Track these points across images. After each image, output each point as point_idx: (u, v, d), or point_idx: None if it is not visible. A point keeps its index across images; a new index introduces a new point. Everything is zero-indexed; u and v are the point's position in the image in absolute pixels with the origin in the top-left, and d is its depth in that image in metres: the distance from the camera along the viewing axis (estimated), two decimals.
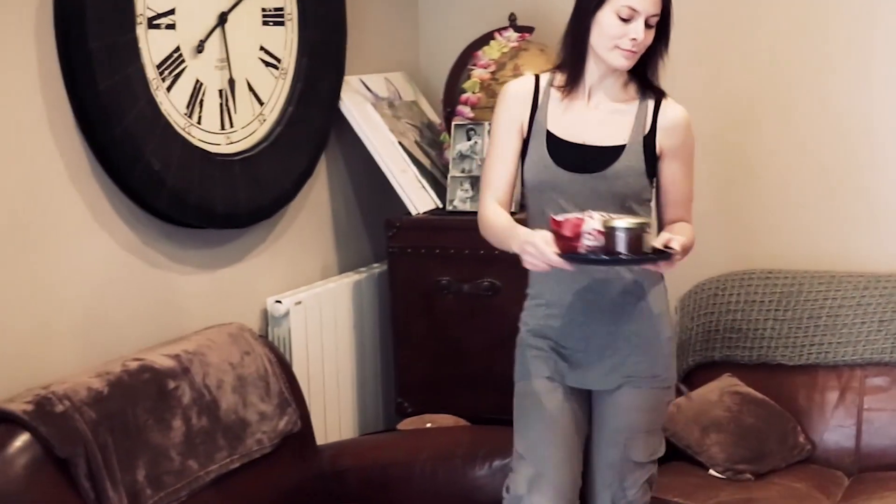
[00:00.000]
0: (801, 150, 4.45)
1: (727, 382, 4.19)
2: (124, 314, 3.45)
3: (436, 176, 4.43)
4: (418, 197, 4.29)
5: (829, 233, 4.43)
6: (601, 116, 3.15)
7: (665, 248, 2.91)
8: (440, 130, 4.54)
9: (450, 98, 4.46)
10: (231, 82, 3.75)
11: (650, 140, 3.13)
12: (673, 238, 2.94)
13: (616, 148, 3.12)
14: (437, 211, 4.32)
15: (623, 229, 2.85)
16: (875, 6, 4.30)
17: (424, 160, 4.44)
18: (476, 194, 4.21)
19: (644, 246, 2.88)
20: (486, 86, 4.31)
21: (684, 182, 3.18)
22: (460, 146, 4.27)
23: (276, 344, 3.89)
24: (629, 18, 3.01)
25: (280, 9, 3.96)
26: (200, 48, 3.61)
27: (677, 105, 3.17)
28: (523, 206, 3.46)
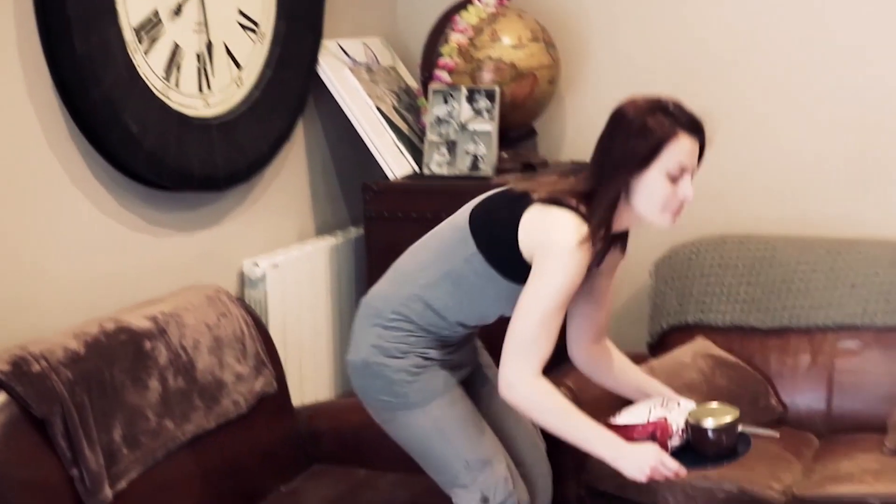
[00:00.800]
0: (775, 116, 4.47)
1: (700, 345, 4.23)
2: (102, 276, 3.47)
3: (413, 141, 4.45)
4: (395, 161, 4.31)
5: (803, 198, 4.46)
6: None
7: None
8: (417, 95, 4.56)
9: (427, 63, 4.47)
10: (209, 46, 3.76)
11: None
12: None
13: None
14: (414, 175, 4.34)
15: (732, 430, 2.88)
16: None
17: (402, 125, 4.46)
18: (453, 159, 4.23)
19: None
20: (464, 51, 4.33)
21: None
22: (437, 111, 4.29)
23: (253, 306, 3.91)
24: (679, 177, 2.88)
25: None
26: (178, 11, 3.61)
27: None
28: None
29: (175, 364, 3.26)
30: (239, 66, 3.90)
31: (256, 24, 3.97)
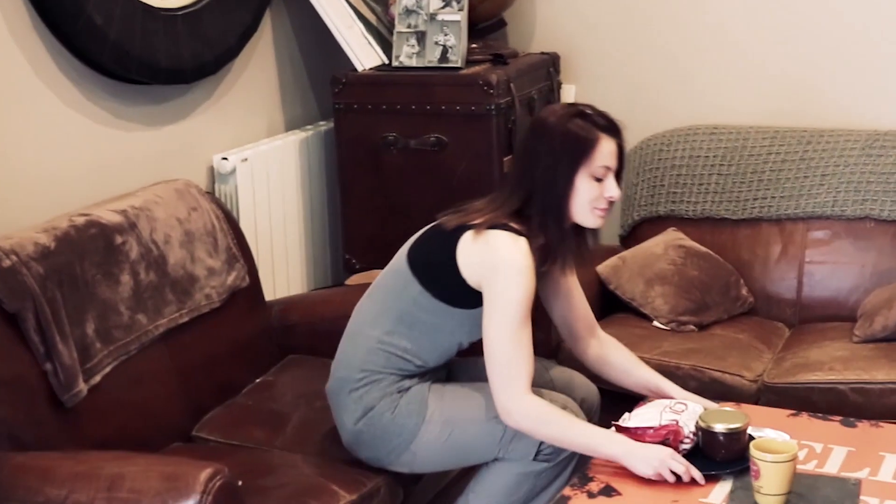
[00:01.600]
0: (746, 6, 4.44)
1: (672, 236, 4.24)
2: (69, 172, 3.44)
3: (381, 32, 4.40)
4: (364, 53, 4.27)
5: (773, 88, 4.45)
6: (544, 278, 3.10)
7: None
8: None
9: None
10: None
11: None
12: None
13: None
14: (384, 67, 4.29)
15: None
16: None
17: (370, 16, 4.41)
18: (422, 50, 4.19)
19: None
20: None
21: None
22: (406, 2, 4.24)
23: (224, 201, 3.89)
24: (603, 177, 2.93)
25: None
26: None
27: None
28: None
29: (146, 258, 3.24)
30: None
31: None
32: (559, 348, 3.71)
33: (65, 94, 3.41)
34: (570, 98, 4.63)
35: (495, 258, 2.89)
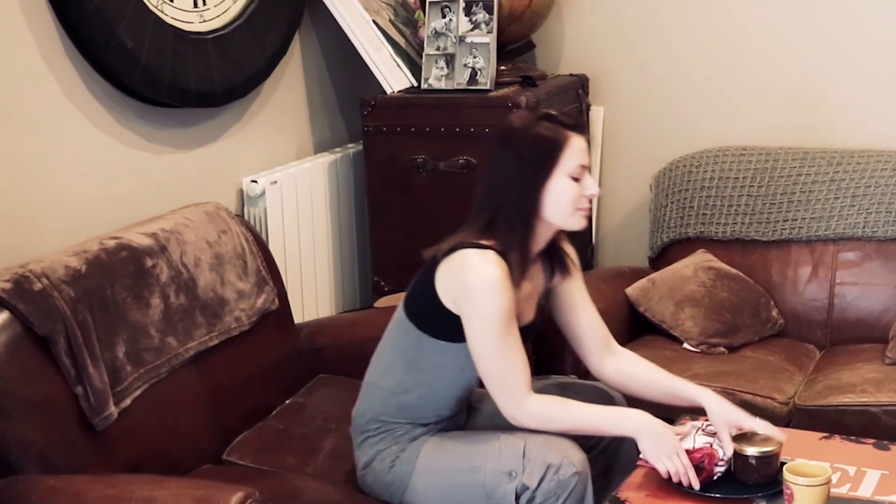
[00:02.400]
0: (777, 27, 4.44)
1: (701, 258, 4.22)
2: (100, 195, 3.45)
3: (410, 55, 4.41)
4: (393, 75, 4.28)
5: (804, 109, 4.44)
6: (528, 290, 3.01)
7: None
8: (414, 8, 4.50)
9: None
10: None
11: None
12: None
13: (531, 325, 3.07)
14: (412, 89, 4.30)
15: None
16: None
17: (399, 38, 4.42)
18: (451, 72, 4.20)
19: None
20: None
21: None
22: (435, 24, 4.25)
23: (253, 223, 3.90)
24: (580, 176, 2.88)
25: None
26: None
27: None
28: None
29: (176, 281, 3.24)
30: None
31: None
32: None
33: (95, 118, 3.43)
34: (599, 120, 4.63)
35: (465, 277, 2.84)
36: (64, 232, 3.27)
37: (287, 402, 3.51)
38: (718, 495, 2.81)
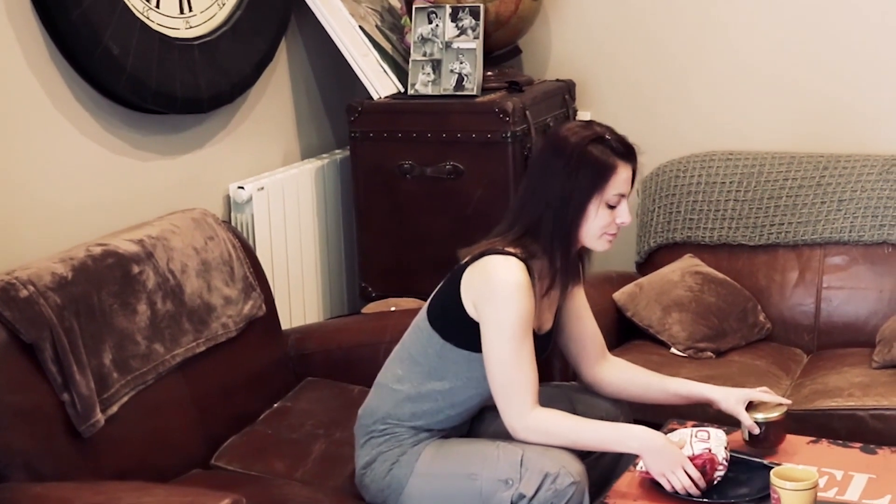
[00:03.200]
0: (762, 31, 4.44)
1: (688, 263, 4.23)
2: (86, 201, 3.44)
3: (397, 60, 4.41)
4: (380, 81, 4.27)
5: (789, 114, 4.45)
6: (550, 299, 3.04)
7: None
8: (401, 14, 4.51)
9: None
10: None
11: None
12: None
13: (549, 332, 3.09)
14: (399, 95, 4.30)
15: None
16: None
17: (385, 44, 4.41)
18: (438, 78, 4.20)
19: None
20: None
21: None
22: (421, 29, 4.25)
23: (240, 230, 3.89)
24: (616, 205, 2.89)
25: None
26: None
27: None
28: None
29: (163, 288, 3.24)
30: None
31: None
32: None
33: (81, 124, 3.42)
34: None
35: (488, 282, 2.85)
36: (50, 239, 3.26)
37: (275, 407, 3.50)
38: (707, 500, 2.82)
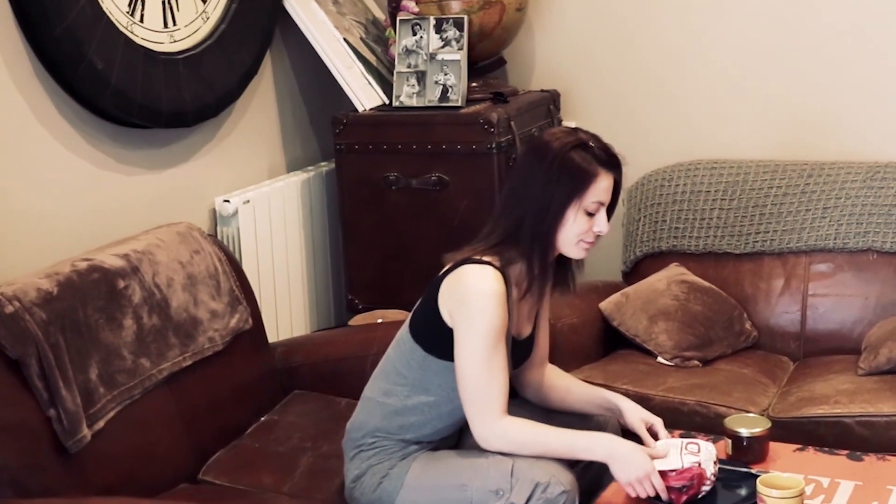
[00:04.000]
0: (746, 40, 4.46)
1: (674, 272, 4.23)
2: (71, 216, 3.44)
3: (381, 72, 4.41)
4: (364, 93, 4.28)
5: (773, 122, 4.46)
6: (528, 305, 3.04)
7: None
8: (385, 26, 4.51)
9: None
10: None
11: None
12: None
13: (529, 338, 3.10)
14: (384, 107, 4.31)
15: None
16: None
17: (370, 56, 4.42)
18: (422, 89, 4.21)
19: None
20: None
21: None
22: (406, 41, 4.26)
23: (226, 243, 3.89)
24: (595, 212, 2.89)
25: None
26: None
27: None
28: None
29: (149, 302, 3.24)
30: (204, 0, 3.85)
31: None
32: None
33: (66, 139, 3.42)
34: None
35: (463, 291, 2.85)
36: (35, 254, 3.26)
37: (262, 420, 3.50)
38: None
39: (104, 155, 3.56)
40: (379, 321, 4.07)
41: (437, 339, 2.92)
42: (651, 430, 3.06)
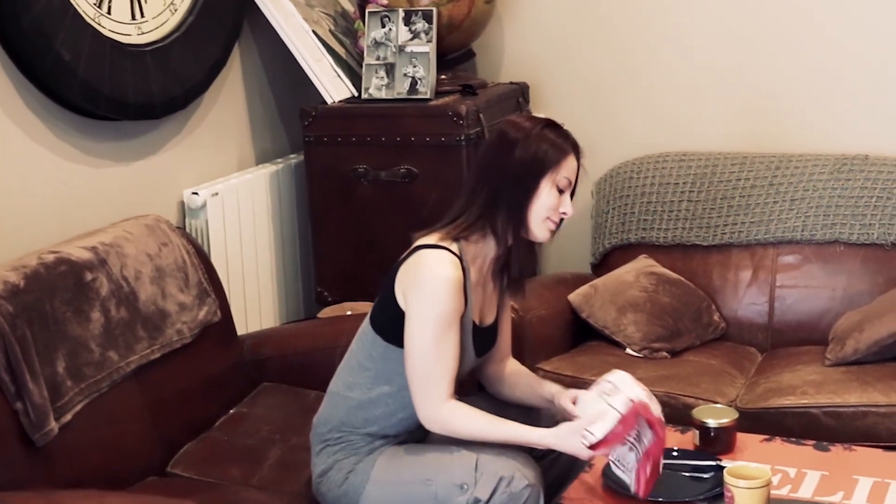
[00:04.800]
0: (714, 33, 4.47)
1: (643, 263, 4.25)
2: (38, 209, 3.42)
3: (350, 65, 4.41)
4: (333, 86, 4.27)
5: (741, 114, 4.48)
6: (491, 290, 3.03)
7: None
8: (354, 19, 4.50)
9: None
10: None
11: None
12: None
13: (493, 326, 3.09)
14: (353, 99, 4.30)
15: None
16: None
17: (339, 49, 4.41)
18: (391, 82, 4.20)
19: None
20: None
21: None
22: (375, 33, 4.25)
23: (194, 235, 3.88)
24: (564, 190, 2.89)
25: None
26: None
27: None
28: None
29: (117, 295, 3.22)
30: None
31: None
32: None
33: (33, 131, 3.40)
34: None
35: (417, 274, 2.86)
36: (2, 247, 3.24)
37: (231, 413, 3.50)
38: (661, 500, 2.83)
39: (71, 147, 3.54)
40: (348, 313, 4.07)
41: (396, 328, 2.91)
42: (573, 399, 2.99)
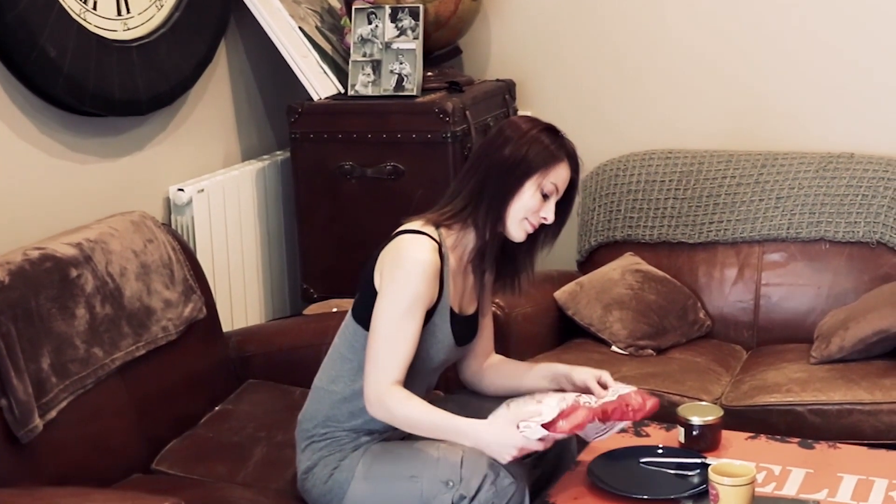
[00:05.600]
0: (700, 31, 4.48)
1: (629, 261, 4.25)
2: (23, 205, 3.41)
3: (337, 61, 4.40)
4: (320, 82, 4.27)
5: (727, 112, 4.48)
6: (471, 280, 3.05)
7: None
8: (341, 15, 4.50)
9: None
10: None
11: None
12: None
13: (474, 317, 3.09)
14: (339, 96, 4.30)
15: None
16: None
17: (325, 45, 4.41)
18: (378, 78, 4.20)
19: None
20: None
21: None
22: (361, 30, 4.25)
23: (180, 232, 3.87)
24: (548, 195, 2.90)
25: None
26: None
27: None
28: None
29: (102, 291, 3.21)
30: None
31: None
32: None
33: (18, 127, 3.39)
34: None
35: (395, 257, 2.88)
36: None
37: (216, 410, 3.49)
38: (646, 497, 2.84)
39: (57, 143, 3.53)
40: (334, 310, 4.06)
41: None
42: (601, 382, 3.03)
